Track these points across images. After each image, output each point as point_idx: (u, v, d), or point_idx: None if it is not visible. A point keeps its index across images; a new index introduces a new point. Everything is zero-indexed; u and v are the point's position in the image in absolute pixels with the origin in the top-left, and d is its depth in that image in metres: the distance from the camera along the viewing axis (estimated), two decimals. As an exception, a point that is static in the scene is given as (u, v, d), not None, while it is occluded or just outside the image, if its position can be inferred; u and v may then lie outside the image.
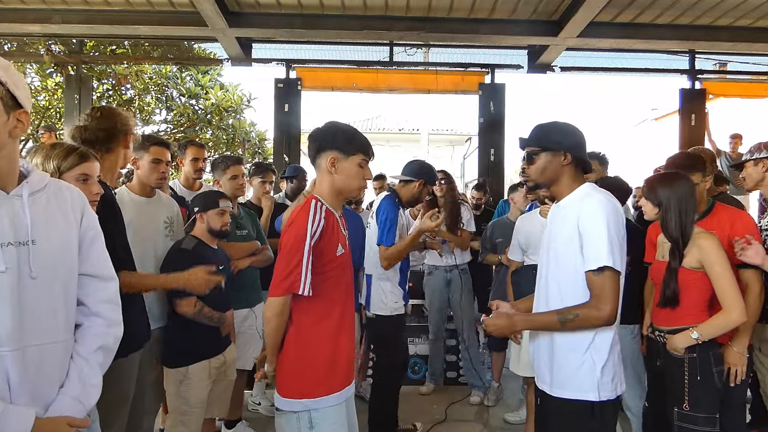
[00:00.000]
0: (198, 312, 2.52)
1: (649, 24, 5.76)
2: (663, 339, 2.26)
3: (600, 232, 1.72)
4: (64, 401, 1.34)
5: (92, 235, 1.44)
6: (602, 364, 1.78)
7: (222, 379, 2.77)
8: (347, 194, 1.99)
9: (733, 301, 2.09)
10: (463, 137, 18.29)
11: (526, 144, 1.94)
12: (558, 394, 1.84)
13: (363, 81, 6.62)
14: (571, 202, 1.86)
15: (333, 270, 1.86)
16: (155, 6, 5.51)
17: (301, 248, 1.76)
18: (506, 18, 5.63)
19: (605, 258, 1.71)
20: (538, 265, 2.02)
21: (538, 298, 1.99)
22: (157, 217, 2.70)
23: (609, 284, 1.72)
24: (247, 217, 3.39)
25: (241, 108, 8.98)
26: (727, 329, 2.14)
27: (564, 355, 1.83)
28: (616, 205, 1.81)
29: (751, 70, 6.84)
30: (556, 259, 1.87)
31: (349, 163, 1.90)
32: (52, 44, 6.63)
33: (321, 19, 5.63)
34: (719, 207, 2.51)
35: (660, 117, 15.28)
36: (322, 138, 1.92)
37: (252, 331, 3.27)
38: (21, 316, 1.25)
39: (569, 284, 1.81)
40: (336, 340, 1.88)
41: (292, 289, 1.76)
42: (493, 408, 4.03)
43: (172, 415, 2.59)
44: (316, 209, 1.82)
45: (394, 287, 3.23)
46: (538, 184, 1.94)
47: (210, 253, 2.67)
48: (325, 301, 1.84)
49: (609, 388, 1.79)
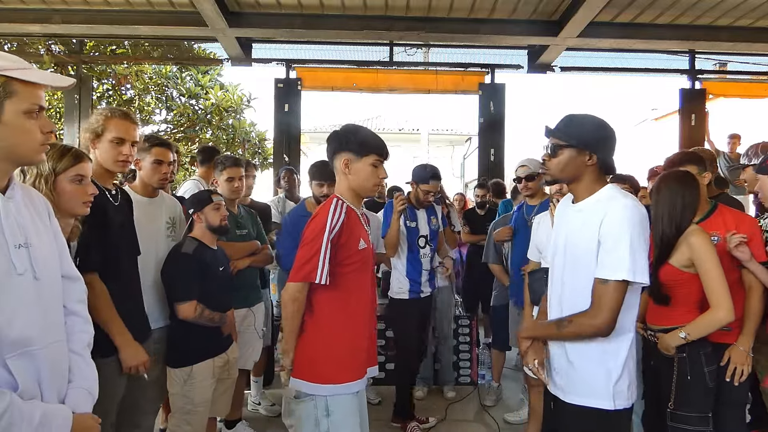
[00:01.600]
0: (199, 315, 2.53)
1: (649, 24, 5.76)
2: (655, 338, 2.26)
3: (622, 243, 1.62)
4: (80, 394, 1.37)
5: (61, 238, 1.46)
6: (618, 372, 1.72)
7: (225, 378, 2.78)
8: (363, 193, 2.08)
9: (720, 299, 2.05)
10: (463, 137, 18.30)
11: (551, 134, 1.80)
12: (572, 401, 1.78)
13: (363, 81, 6.62)
14: (592, 205, 1.75)
15: (356, 263, 1.97)
16: (155, 6, 5.52)
17: (320, 239, 1.87)
18: (506, 18, 5.63)
19: (624, 270, 1.62)
20: (550, 266, 1.95)
21: (551, 301, 1.93)
22: (160, 218, 2.70)
23: (611, 295, 1.64)
24: (247, 216, 3.38)
25: (241, 108, 8.97)
26: (715, 328, 2.09)
27: (579, 362, 1.77)
28: (642, 212, 1.70)
29: (751, 70, 6.85)
30: (574, 263, 1.78)
31: (362, 164, 2.00)
32: (52, 44, 6.63)
33: (321, 19, 5.63)
34: (723, 209, 2.49)
35: (660, 117, 15.27)
36: (336, 141, 2.02)
37: (251, 331, 3.27)
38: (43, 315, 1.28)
39: (586, 290, 1.72)
40: (356, 330, 1.99)
41: (309, 277, 1.87)
42: (493, 408, 4.03)
43: (176, 414, 2.58)
44: (337, 205, 1.94)
45: (400, 275, 3.64)
46: (557, 180, 1.86)
47: (210, 255, 2.67)
48: (347, 292, 1.96)
49: (624, 396, 1.73)
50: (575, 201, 1.83)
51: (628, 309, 1.71)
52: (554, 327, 1.79)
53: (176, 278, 2.53)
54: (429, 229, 3.67)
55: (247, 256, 3.19)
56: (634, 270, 1.62)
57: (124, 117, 2.23)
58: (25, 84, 1.22)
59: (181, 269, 2.53)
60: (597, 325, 1.66)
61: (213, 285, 2.63)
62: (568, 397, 1.79)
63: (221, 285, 2.71)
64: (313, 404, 1.93)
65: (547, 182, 3.34)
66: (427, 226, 3.67)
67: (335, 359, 1.95)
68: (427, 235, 3.66)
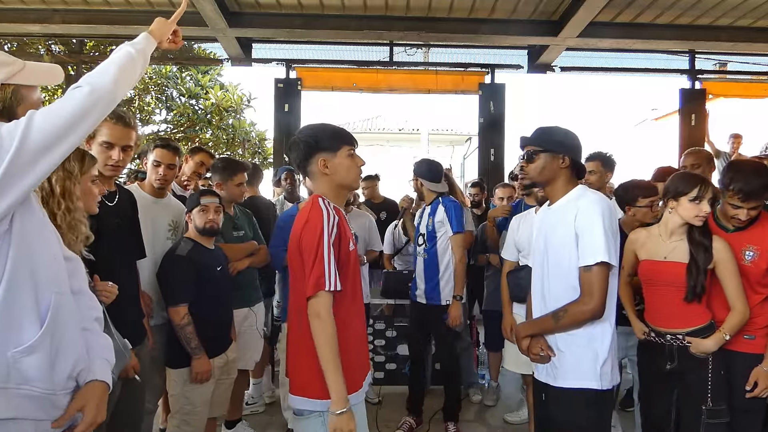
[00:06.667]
0: (183, 325, 2.50)
1: (649, 24, 5.76)
2: (679, 342, 2.26)
3: (596, 228, 1.84)
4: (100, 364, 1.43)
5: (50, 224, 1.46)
6: (604, 355, 1.90)
7: (225, 378, 2.78)
8: (348, 187, 1.98)
9: (743, 300, 2.21)
10: (463, 137, 18.27)
11: (527, 143, 2.04)
12: (561, 384, 1.94)
13: (363, 81, 6.61)
14: (566, 203, 1.97)
15: (348, 266, 1.86)
16: (155, 6, 5.51)
17: (321, 246, 1.74)
18: (506, 18, 5.62)
19: (602, 253, 1.82)
20: (533, 265, 2.11)
21: (535, 297, 2.09)
22: (162, 219, 2.71)
23: (597, 280, 1.84)
24: (243, 217, 3.38)
25: (241, 108, 8.99)
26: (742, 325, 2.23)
27: (568, 348, 1.94)
28: (609, 203, 1.94)
29: (751, 70, 6.84)
30: (557, 258, 1.96)
31: (339, 159, 1.88)
32: (52, 44, 6.64)
33: (321, 19, 5.63)
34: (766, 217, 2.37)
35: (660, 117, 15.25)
36: (305, 145, 1.89)
37: (252, 331, 3.27)
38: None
39: (570, 280, 1.92)
40: (354, 333, 1.88)
41: (319, 286, 1.72)
42: (493, 408, 4.03)
43: (176, 415, 2.59)
44: (327, 206, 1.82)
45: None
46: (535, 183, 2.05)
47: (206, 256, 2.67)
48: (342, 297, 1.82)
49: (608, 378, 1.92)
50: (551, 203, 2.05)
51: (610, 295, 1.90)
52: (550, 320, 1.94)
53: (168, 281, 2.55)
54: (426, 228, 3.54)
55: (246, 257, 3.19)
56: (609, 253, 1.83)
57: (117, 121, 2.14)
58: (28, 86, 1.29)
59: (174, 272, 2.54)
60: (591, 309, 1.85)
61: (211, 284, 2.63)
62: (558, 381, 1.95)
63: (220, 284, 2.71)
64: (320, 421, 1.77)
65: (525, 186, 3.42)
66: (425, 225, 3.55)
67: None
68: (424, 233, 3.56)
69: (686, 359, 2.24)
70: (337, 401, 1.70)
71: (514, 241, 3.21)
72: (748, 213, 2.23)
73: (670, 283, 2.26)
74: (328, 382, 1.71)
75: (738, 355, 2.26)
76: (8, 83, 1.28)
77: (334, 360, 1.71)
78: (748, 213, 2.23)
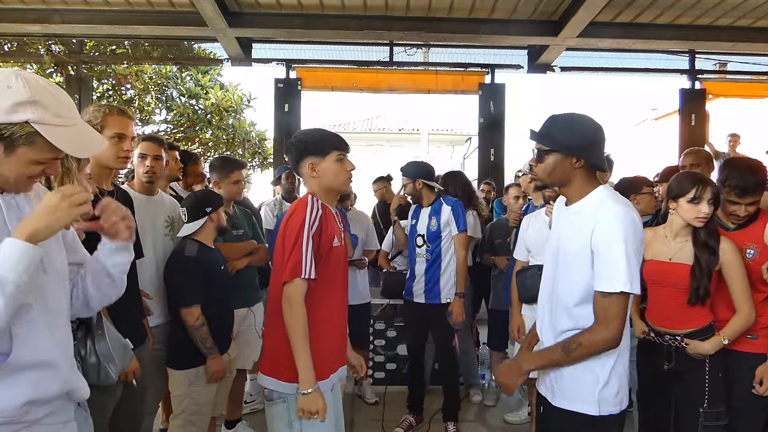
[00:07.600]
0: (198, 326, 2.49)
1: (649, 24, 5.76)
2: (677, 343, 2.26)
3: (615, 250, 1.58)
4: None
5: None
6: (606, 378, 1.68)
7: (226, 377, 2.78)
8: (336, 190, 2.08)
9: (750, 303, 2.19)
10: (463, 137, 18.27)
11: (534, 139, 1.77)
12: (558, 404, 1.77)
13: (363, 81, 6.62)
14: (584, 208, 1.70)
15: (329, 260, 1.97)
16: (155, 6, 5.51)
17: (300, 235, 1.87)
18: (506, 18, 5.62)
19: (622, 283, 1.57)
20: (544, 266, 1.93)
21: (542, 298, 1.91)
22: (158, 216, 2.69)
23: (615, 309, 1.60)
24: (242, 216, 3.37)
25: (241, 108, 8.98)
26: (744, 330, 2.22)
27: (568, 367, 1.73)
28: (634, 218, 1.65)
29: (751, 70, 6.84)
30: (566, 266, 1.75)
31: (326, 163, 2.00)
32: (52, 44, 6.63)
33: (321, 19, 5.63)
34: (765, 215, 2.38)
35: (660, 117, 15.26)
36: (295, 149, 2.02)
37: (251, 331, 3.26)
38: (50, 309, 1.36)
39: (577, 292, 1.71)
40: (330, 326, 1.98)
41: (295, 273, 1.84)
42: (493, 408, 4.03)
43: (181, 416, 2.57)
44: (314, 201, 1.96)
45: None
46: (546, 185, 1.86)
47: (212, 257, 2.67)
48: (321, 290, 1.93)
49: (612, 402, 1.69)
50: (568, 204, 1.79)
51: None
52: (560, 351, 1.69)
53: (179, 283, 2.52)
54: (428, 229, 3.53)
55: (245, 256, 3.19)
56: (631, 281, 1.58)
57: (122, 113, 2.23)
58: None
59: (184, 274, 2.52)
60: (607, 339, 1.62)
61: (218, 285, 2.63)
62: (555, 400, 1.78)
63: (224, 284, 2.72)
64: (285, 406, 1.89)
65: (537, 188, 3.38)
66: (426, 226, 3.54)
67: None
68: (424, 234, 3.54)
69: (685, 360, 2.24)
70: (304, 380, 1.81)
71: (524, 242, 3.18)
72: (746, 209, 2.25)
73: (673, 284, 2.26)
74: (297, 363, 1.82)
75: (741, 354, 2.26)
76: (33, 124, 1.17)
77: (303, 343, 1.82)
78: (746, 209, 2.25)
